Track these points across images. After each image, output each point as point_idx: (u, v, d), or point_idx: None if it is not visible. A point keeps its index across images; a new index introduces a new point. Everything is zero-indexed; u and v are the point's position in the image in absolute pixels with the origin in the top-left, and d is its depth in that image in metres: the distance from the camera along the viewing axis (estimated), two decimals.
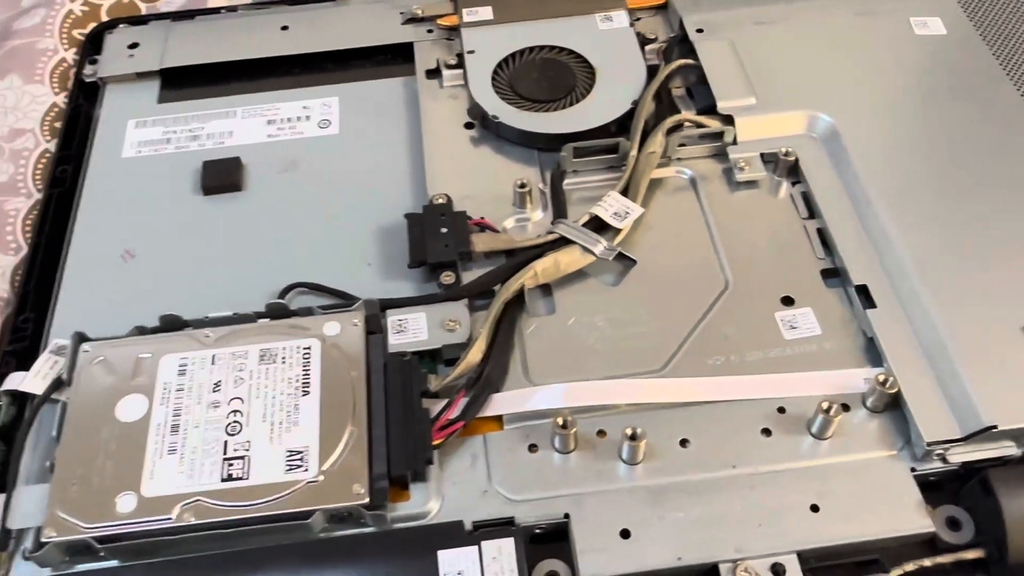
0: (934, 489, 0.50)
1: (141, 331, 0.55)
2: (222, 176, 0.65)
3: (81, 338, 0.54)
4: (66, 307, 0.59)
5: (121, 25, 0.77)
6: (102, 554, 0.47)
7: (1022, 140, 0.61)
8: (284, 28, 0.75)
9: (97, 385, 0.52)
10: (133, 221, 0.64)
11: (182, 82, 0.73)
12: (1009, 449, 0.49)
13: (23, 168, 0.69)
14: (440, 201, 0.61)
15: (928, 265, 0.55)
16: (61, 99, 0.74)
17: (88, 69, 0.74)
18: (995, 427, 0.48)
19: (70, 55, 0.77)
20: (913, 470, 0.49)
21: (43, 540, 0.47)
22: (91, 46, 0.76)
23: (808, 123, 0.63)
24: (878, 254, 0.57)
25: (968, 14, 0.69)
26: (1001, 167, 0.60)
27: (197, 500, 0.47)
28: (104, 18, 0.79)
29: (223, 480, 0.48)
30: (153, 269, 0.61)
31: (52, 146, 0.71)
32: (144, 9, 0.80)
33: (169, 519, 0.47)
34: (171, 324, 0.55)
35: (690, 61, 0.67)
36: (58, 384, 0.53)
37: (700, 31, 0.69)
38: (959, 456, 0.49)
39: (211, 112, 0.70)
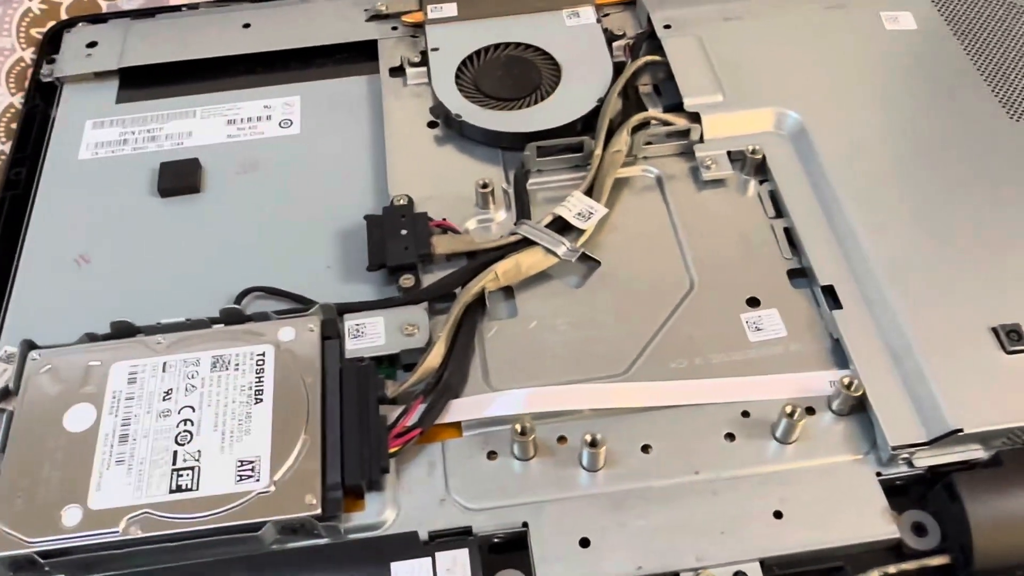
0: (900, 494, 0.49)
1: (92, 338, 0.54)
2: (180, 178, 0.64)
3: (29, 345, 0.53)
4: (16, 313, 0.58)
5: (80, 24, 0.75)
6: (47, 569, 0.46)
7: (991, 137, 0.60)
8: (246, 26, 0.74)
9: (45, 394, 0.51)
10: (88, 225, 0.62)
11: (141, 81, 0.71)
12: (976, 452, 0.48)
13: None
14: (401, 202, 0.60)
15: (895, 265, 0.54)
16: (18, 100, 0.73)
17: (45, 69, 0.72)
18: (961, 430, 0.47)
19: (28, 55, 0.75)
20: (879, 474, 0.48)
21: None
22: (49, 45, 0.75)
23: (776, 120, 0.62)
24: (845, 254, 0.56)
25: (939, 8, 0.68)
26: (970, 165, 0.59)
27: (144, 512, 0.46)
28: (64, 16, 0.78)
29: (171, 491, 0.47)
30: (107, 274, 0.60)
31: (7, 148, 0.69)
32: (105, 7, 0.79)
33: (116, 532, 0.46)
34: (122, 331, 0.54)
35: (657, 58, 0.66)
36: (5, 393, 0.52)
37: (668, 27, 0.68)
38: (925, 460, 0.48)
39: (170, 112, 0.69)
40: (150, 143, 0.67)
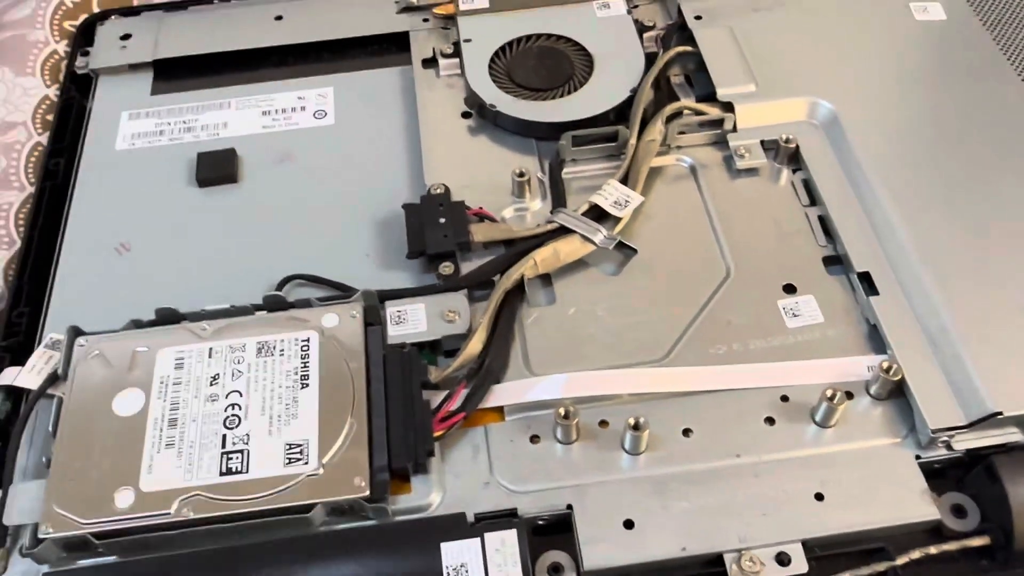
0: (939, 476, 0.49)
1: (137, 324, 0.54)
2: (217, 168, 0.65)
3: (76, 332, 0.54)
4: (61, 301, 0.59)
5: (113, 16, 0.76)
6: (100, 550, 0.47)
7: (1021, 124, 0.60)
8: (278, 18, 0.74)
9: (93, 379, 0.52)
10: (127, 214, 0.63)
11: (175, 73, 0.72)
12: (1014, 435, 0.49)
13: (15, 161, 0.69)
14: (438, 191, 0.60)
15: (930, 251, 0.54)
16: (53, 92, 0.73)
17: (80, 61, 0.73)
18: (1000, 413, 0.48)
19: (61, 47, 0.76)
20: (918, 457, 0.49)
21: (40, 536, 0.46)
22: (83, 38, 0.75)
23: (808, 110, 0.63)
24: (880, 241, 0.56)
25: None
26: (1001, 152, 0.59)
27: (196, 495, 0.47)
28: (95, 9, 0.78)
29: (222, 474, 0.48)
30: (148, 262, 0.60)
31: (44, 139, 0.70)
32: (136, 0, 0.79)
33: (168, 514, 0.46)
34: (167, 317, 0.54)
35: (689, 48, 0.67)
36: (54, 379, 0.53)
37: (699, 18, 0.68)
38: (964, 443, 0.49)
39: (205, 103, 0.70)
40: (186, 134, 0.68)
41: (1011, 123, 0.61)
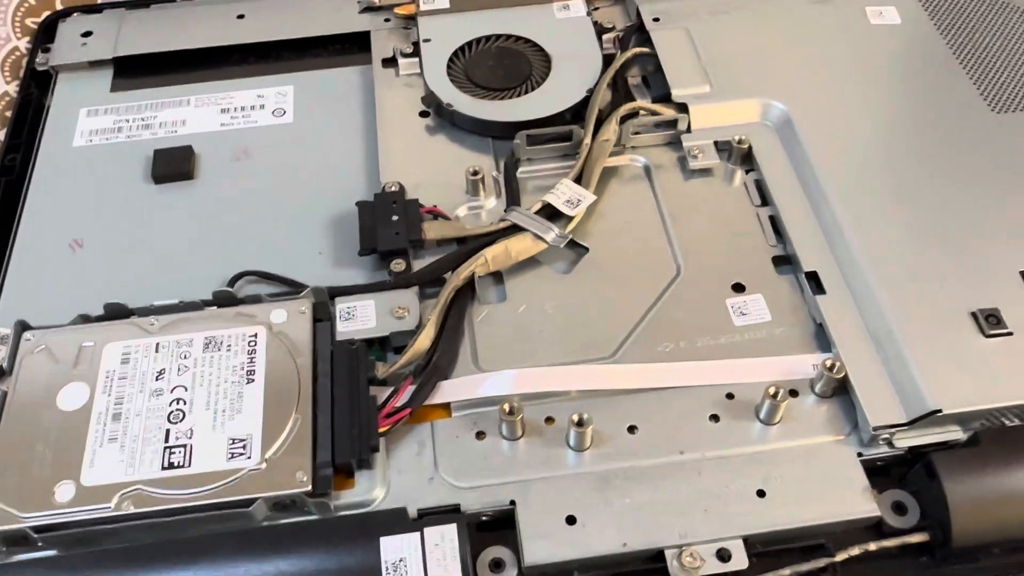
0: (881, 474, 0.50)
1: (85, 319, 0.54)
2: (173, 164, 0.64)
3: (23, 326, 0.53)
4: (11, 296, 0.59)
5: (75, 13, 0.76)
6: (40, 544, 0.47)
7: (972, 129, 0.61)
8: (240, 16, 0.74)
9: (38, 374, 0.51)
10: (82, 210, 0.63)
11: (136, 71, 0.72)
12: (955, 433, 0.49)
13: None
14: (392, 189, 0.60)
15: (877, 252, 0.55)
16: (13, 88, 0.73)
17: (40, 58, 0.73)
18: (940, 411, 0.48)
19: (23, 44, 0.76)
20: (860, 455, 0.49)
21: None
22: (44, 35, 0.75)
23: (762, 111, 0.63)
24: (829, 242, 0.57)
25: (923, 3, 0.70)
26: (952, 156, 0.60)
27: (137, 489, 0.47)
28: (59, 6, 0.78)
29: (164, 468, 0.48)
30: (101, 258, 0.60)
31: (1, 135, 0.69)
32: None
33: (108, 508, 0.46)
34: (116, 312, 0.54)
35: (646, 50, 0.67)
36: None
37: (656, 20, 0.69)
38: (905, 441, 0.49)
39: (164, 101, 0.70)
40: (144, 131, 0.68)
41: (962, 127, 0.61)
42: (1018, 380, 0.49)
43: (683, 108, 0.63)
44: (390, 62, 0.70)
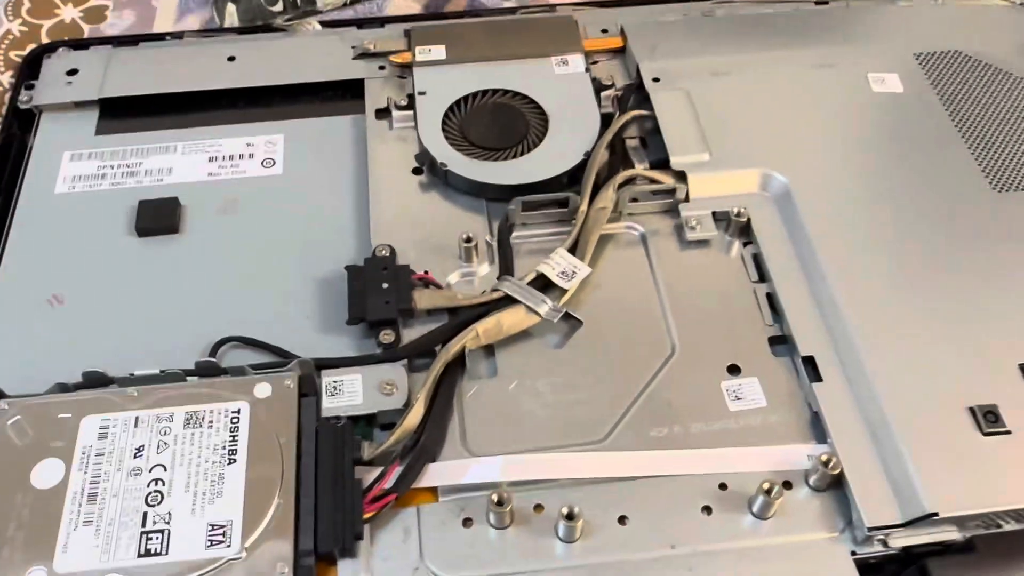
0: (873, 572, 0.49)
1: (63, 388, 0.53)
2: (158, 217, 0.63)
3: None
4: None
5: (61, 49, 0.74)
6: None
7: (975, 209, 0.60)
8: (231, 59, 0.72)
9: (12, 446, 0.50)
10: (63, 263, 0.61)
11: (122, 112, 0.70)
12: (951, 534, 0.49)
13: None
14: (383, 253, 0.59)
15: (875, 338, 0.54)
16: None
17: (24, 95, 0.71)
18: (936, 514, 0.47)
19: (6, 78, 0.74)
20: (853, 553, 0.48)
21: None
22: (28, 70, 0.73)
23: (762, 182, 0.62)
24: (826, 324, 0.56)
25: (925, 72, 0.69)
26: (953, 237, 0.59)
27: None
28: (44, 39, 0.76)
29: (140, 555, 0.46)
30: (81, 317, 0.59)
31: None
32: (87, 31, 0.77)
33: None
34: (94, 381, 0.53)
35: (645, 112, 0.66)
36: None
37: (656, 80, 0.67)
38: (900, 541, 0.48)
39: (150, 146, 0.68)
40: (129, 178, 0.66)
41: (964, 206, 0.60)
42: (1016, 482, 0.48)
43: (682, 176, 0.62)
44: (384, 112, 0.69)
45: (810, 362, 0.54)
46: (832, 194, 0.61)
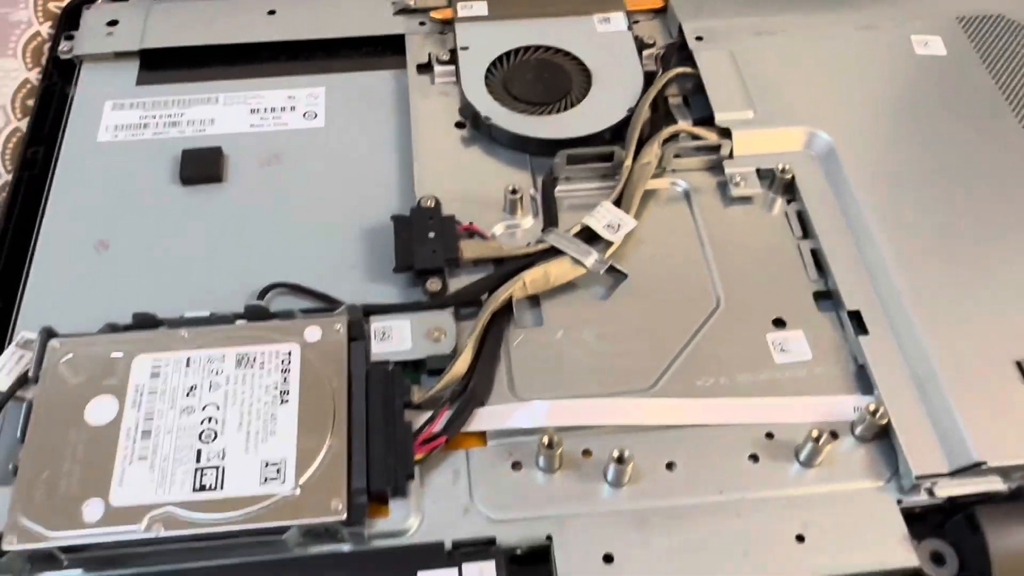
0: (918, 521, 0.49)
1: (113, 328, 0.53)
2: (202, 166, 0.63)
3: (49, 334, 0.52)
4: (35, 298, 0.57)
5: (99, 0, 0.74)
6: (66, 564, 0.45)
7: (1019, 167, 0.60)
8: (271, 12, 0.73)
9: (66, 384, 0.50)
10: (107, 209, 0.61)
11: (162, 64, 0.70)
12: (997, 485, 0.49)
13: None
14: (428, 204, 0.59)
15: (923, 293, 0.54)
16: (34, 75, 0.71)
17: (64, 45, 0.71)
18: (984, 464, 0.47)
19: (45, 29, 0.74)
20: (899, 502, 0.49)
21: (3, 548, 0.45)
22: (68, 21, 0.73)
23: (806, 140, 0.62)
24: (872, 279, 0.56)
25: (969, 35, 0.69)
26: (999, 196, 0.59)
27: (167, 511, 0.46)
28: None
29: (195, 490, 0.46)
30: (127, 261, 0.59)
31: (23, 124, 0.68)
32: None
33: (138, 530, 0.45)
34: (145, 322, 0.53)
35: (688, 70, 0.66)
36: (23, 381, 0.51)
37: (700, 39, 0.67)
38: (946, 490, 0.49)
39: (192, 97, 0.68)
40: (171, 128, 0.66)
41: (1008, 165, 0.61)
42: None
43: (726, 133, 0.62)
44: (425, 68, 0.69)
45: (856, 316, 0.54)
46: (876, 153, 0.61)
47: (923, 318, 0.53)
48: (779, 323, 0.55)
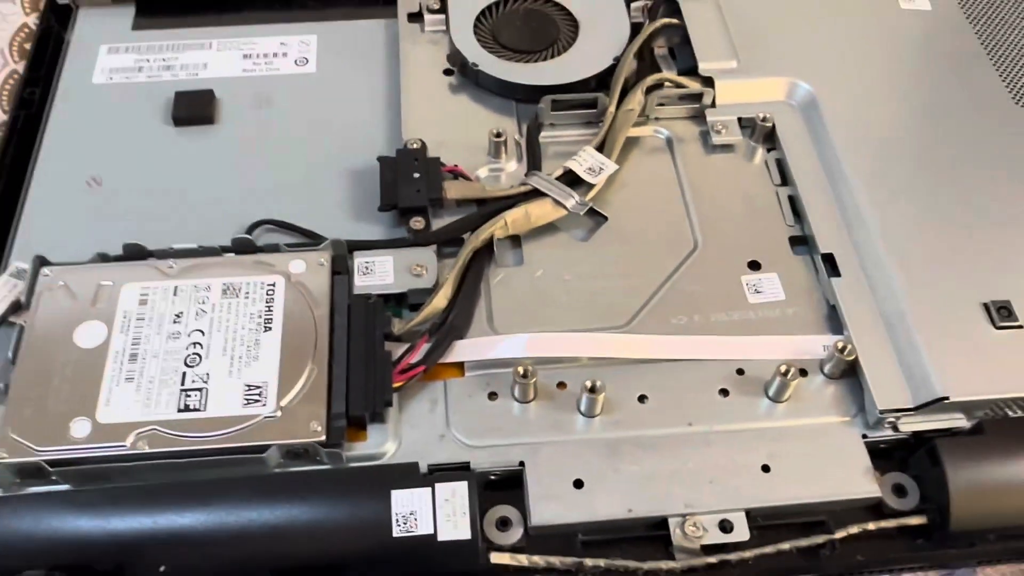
0: (884, 457, 0.51)
1: (103, 258, 0.54)
2: (194, 108, 0.64)
3: (42, 262, 0.54)
4: (28, 231, 0.58)
5: None
6: (54, 478, 0.47)
7: (996, 121, 0.61)
8: None
9: (56, 309, 0.52)
10: (101, 148, 0.63)
11: (157, 10, 0.71)
12: (959, 421, 0.50)
13: None
14: (414, 146, 0.60)
15: (895, 237, 0.55)
16: (32, 20, 0.72)
17: None
18: (947, 398, 0.49)
19: None
20: (865, 436, 0.50)
21: None
22: None
23: (788, 90, 0.63)
24: (847, 225, 0.57)
25: None
26: (974, 147, 0.60)
27: (152, 429, 0.47)
28: None
29: (179, 411, 0.48)
30: (119, 198, 0.60)
31: (20, 68, 0.69)
32: None
33: (124, 446, 0.47)
34: (134, 253, 0.54)
35: (674, 21, 0.67)
36: (16, 307, 0.53)
37: None
38: (910, 426, 0.50)
39: (186, 43, 0.69)
40: (165, 72, 0.67)
41: (985, 118, 0.61)
42: None
43: (709, 82, 0.63)
44: (416, 17, 0.70)
45: (829, 259, 0.56)
46: (857, 104, 0.62)
47: (895, 261, 0.54)
48: (754, 266, 0.57)
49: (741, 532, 0.47)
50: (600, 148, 0.60)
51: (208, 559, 0.44)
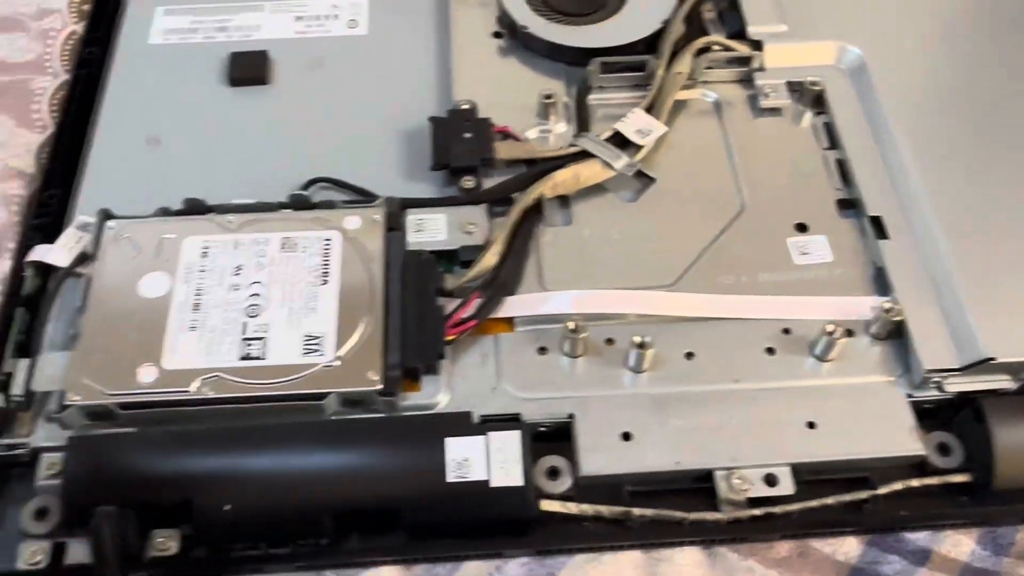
0: (929, 416, 0.51)
1: (165, 212, 0.56)
2: (249, 68, 0.65)
3: (106, 215, 0.55)
4: (91, 186, 0.60)
5: None
6: (121, 420, 0.49)
7: None
8: None
9: (121, 261, 0.53)
10: (159, 108, 0.64)
11: None
12: (1005, 382, 0.50)
13: (50, 48, 0.70)
14: (465, 107, 0.61)
15: (943, 200, 0.55)
16: None
17: None
18: (993, 359, 0.49)
19: None
20: (910, 396, 0.51)
21: (66, 403, 0.48)
22: None
23: (837, 54, 0.63)
24: (895, 188, 0.57)
25: None
26: None
27: (215, 375, 0.49)
28: None
29: (241, 359, 0.50)
30: (178, 155, 0.62)
31: (79, 28, 0.71)
32: None
33: (188, 391, 0.49)
34: (195, 208, 0.56)
35: None
36: (83, 258, 0.55)
37: None
38: (955, 386, 0.51)
39: (240, 5, 0.70)
40: (219, 33, 0.69)
41: None
42: None
43: (757, 46, 0.63)
44: None
45: (877, 222, 0.56)
46: (907, 68, 0.62)
47: (943, 223, 0.54)
48: (802, 228, 0.57)
49: (786, 486, 0.48)
50: (649, 110, 0.61)
51: (270, 500, 0.46)
